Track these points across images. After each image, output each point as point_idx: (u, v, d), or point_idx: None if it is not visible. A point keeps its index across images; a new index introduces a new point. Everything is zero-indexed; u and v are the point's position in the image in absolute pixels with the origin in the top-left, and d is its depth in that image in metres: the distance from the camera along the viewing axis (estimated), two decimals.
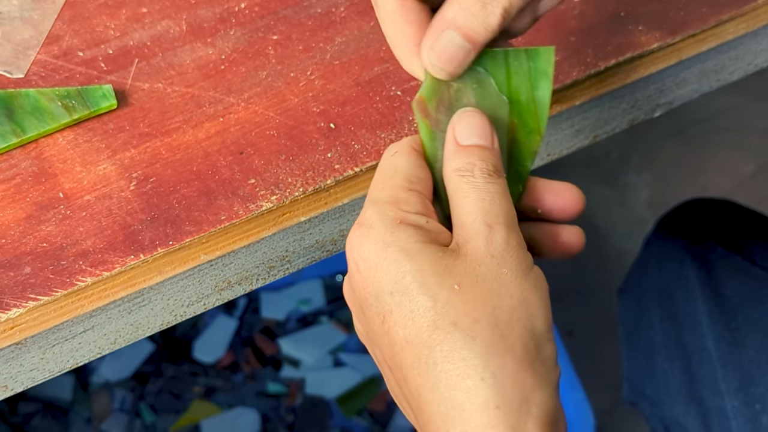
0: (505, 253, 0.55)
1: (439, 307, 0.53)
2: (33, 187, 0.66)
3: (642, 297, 1.05)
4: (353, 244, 0.56)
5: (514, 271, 0.54)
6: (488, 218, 0.55)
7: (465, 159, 0.57)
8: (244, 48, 0.73)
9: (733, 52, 0.79)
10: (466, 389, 0.51)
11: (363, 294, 0.56)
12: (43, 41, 0.73)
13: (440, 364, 0.52)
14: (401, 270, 0.54)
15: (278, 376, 1.58)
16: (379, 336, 0.55)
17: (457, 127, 0.59)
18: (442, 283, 0.53)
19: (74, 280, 0.62)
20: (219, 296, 0.69)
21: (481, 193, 0.56)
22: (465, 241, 0.55)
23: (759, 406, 0.89)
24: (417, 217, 0.56)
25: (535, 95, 0.60)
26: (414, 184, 0.57)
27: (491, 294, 0.53)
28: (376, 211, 0.56)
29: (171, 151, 0.68)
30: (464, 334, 0.52)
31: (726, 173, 1.86)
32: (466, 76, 0.59)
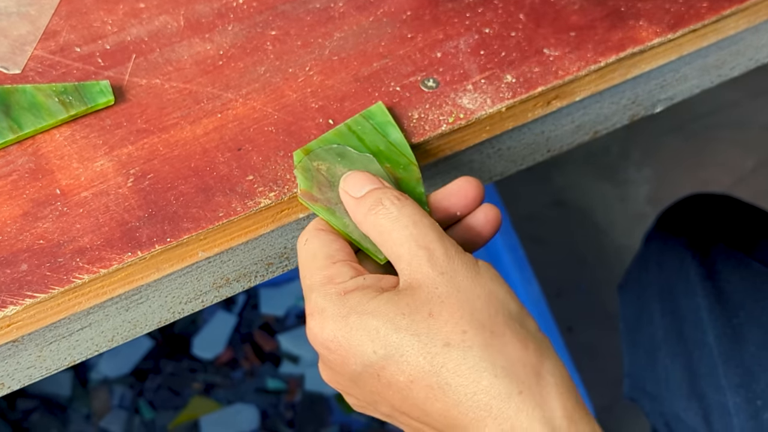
0: (450, 264, 0.58)
1: (424, 338, 0.56)
2: (29, 184, 0.66)
3: (642, 293, 1.04)
4: (315, 333, 0.58)
5: (468, 275, 0.57)
6: (420, 242, 0.58)
7: (368, 201, 0.61)
8: (242, 43, 0.73)
9: (734, 48, 0.78)
10: (486, 390, 0.54)
11: (347, 370, 0.58)
12: (40, 37, 0.73)
13: (453, 382, 0.55)
14: (371, 328, 0.56)
15: (277, 373, 1.57)
16: (382, 393, 0.58)
17: (347, 188, 0.63)
18: (414, 319, 0.56)
19: (71, 277, 0.62)
20: (217, 293, 0.68)
21: (402, 221, 0.59)
22: (412, 274, 0.58)
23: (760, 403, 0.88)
24: (354, 281, 0.59)
25: (390, 140, 0.67)
26: (334, 257, 0.60)
27: (462, 304, 0.56)
28: (319, 295, 0.59)
29: (169, 147, 0.67)
30: (460, 347, 0.55)
31: (726, 169, 1.86)
32: (326, 155, 0.66)
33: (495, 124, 0.70)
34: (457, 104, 0.69)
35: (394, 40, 0.73)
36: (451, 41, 0.73)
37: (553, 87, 0.71)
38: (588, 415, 0.55)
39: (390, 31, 0.74)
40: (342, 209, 0.64)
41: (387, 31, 0.74)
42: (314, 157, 0.66)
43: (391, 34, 0.73)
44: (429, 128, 0.68)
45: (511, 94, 0.70)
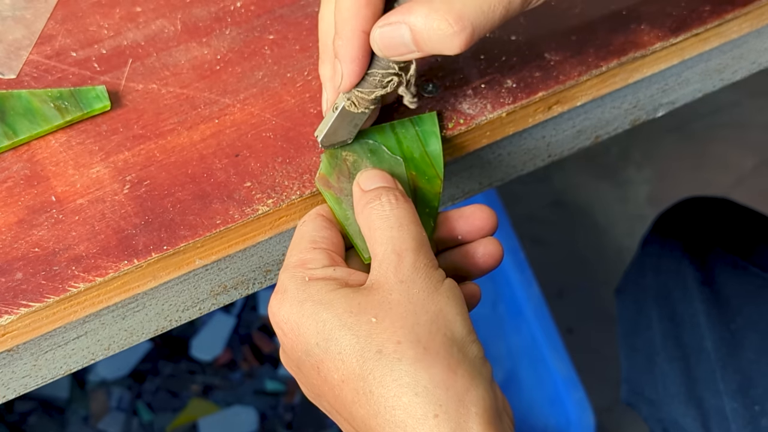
0: (413, 275, 0.58)
1: (362, 341, 0.56)
2: (25, 191, 0.65)
3: (640, 297, 1.04)
4: (273, 311, 0.59)
5: (425, 289, 0.57)
6: (397, 246, 0.59)
7: (371, 194, 0.61)
8: (239, 48, 0.72)
9: (736, 51, 0.78)
10: (404, 406, 0.54)
11: (294, 354, 0.59)
12: (36, 41, 0.72)
13: (376, 391, 0.55)
14: (320, 319, 0.57)
15: (276, 374, 1.57)
16: (320, 386, 0.58)
17: (360, 180, 0.63)
18: (359, 320, 0.56)
19: (67, 285, 0.61)
20: (215, 301, 0.68)
21: (390, 222, 0.60)
22: (377, 276, 0.58)
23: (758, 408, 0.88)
24: (323, 270, 0.59)
25: (428, 150, 0.67)
26: (318, 243, 0.61)
27: (407, 315, 0.56)
28: (287, 276, 0.60)
29: (165, 153, 0.67)
30: (390, 357, 0.55)
31: (726, 169, 1.85)
32: (359, 148, 0.66)
33: (495, 130, 0.70)
34: (457, 109, 0.69)
35: None
36: None
37: (554, 92, 0.70)
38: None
39: None
40: (349, 201, 0.64)
41: None
42: (347, 146, 0.66)
43: None
44: None
45: (512, 99, 0.69)
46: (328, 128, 0.64)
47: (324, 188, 0.64)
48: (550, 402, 1.39)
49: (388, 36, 0.60)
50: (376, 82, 0.62)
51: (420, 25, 0.58)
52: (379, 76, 0.62)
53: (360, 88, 0.63)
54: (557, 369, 1.36)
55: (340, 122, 0.64)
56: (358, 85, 0.62)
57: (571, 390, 1.35)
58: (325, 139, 0.65)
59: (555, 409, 1.38)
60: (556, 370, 1.37)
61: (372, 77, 0.62)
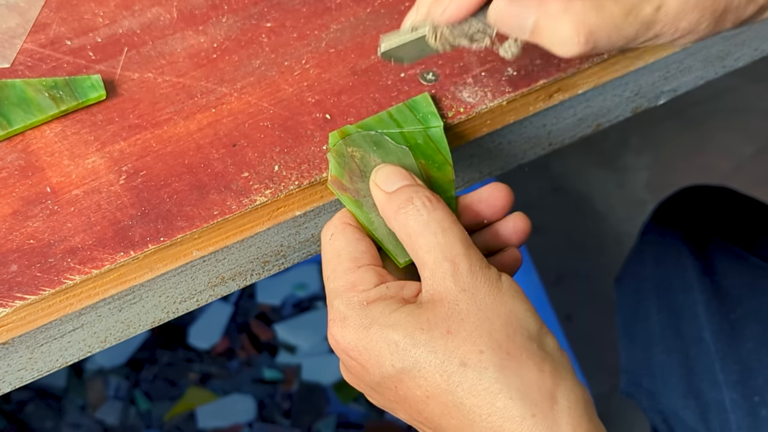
0: (473, 281, 0.57)
1: (441, 356, 0.56)
2: (19, 182, 0.64)
3: (639, 287, 1.04)
4: (337, 340, 0.59)
5: (489, 293, 0.57)
6: (447, 253, 0.58)
7: (400, 197, 0.60)
8: (236, 36, 0.71)
9: (738, 38, 0.77)
10: (500, 411, 0.55)
11: (367, 378, 0.59)
12: (30, 29, 0.71)
13: (467, 401, 0.55)
14: (392, 342, 0.57)
15: (274, 362, 1.56)
16: (400, 403, 0.58)
17: (378, 182, 0.62)
18: (433, 335, 0.56)
19: (62, 278, 0.60)
20: (212, 292, 0.67)
21: (431, 227, 0.58)
22: (434, 286, 0.58)
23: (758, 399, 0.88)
24: (377, 290, 0.59)
25: (429, 134, 0.66)
26: (360, 260, 0.60)
27: (481, 323, 0.56)
28: (342, 303, 0.59)
29: (162, 143, 0.66)
30: (476, 368, 0.55)
31: (725, 155, 1.84)
32: (363, 143, 0.64)
33: (496, 118, 0.69)
34: (457, 98, 0.68)
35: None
36: None
37: (555, 80, 0.69)
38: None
39: (388, 22, 0.72)
40: (370, 203, 0.63)
41: (385, 23, 0.72)
42: (350, 142, 0.64)
43: (389, 26, 0.72)
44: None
45: (513, 87, 0.69)
46: (399, 44, 0.62)
47: (339, 191, 0.63)
48: None
49: (512, 14, 0.58)
50: (468, 33, 0.61)
51: (549, 21, 0.57)
52: (474, 29, 0.60)
53: (451, 27, 0.61)
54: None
55: (411, 44, 0.62)
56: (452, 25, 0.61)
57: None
58: (388, 50, 0.62)
59: None
60: None
61: (468, 25, 0.60)
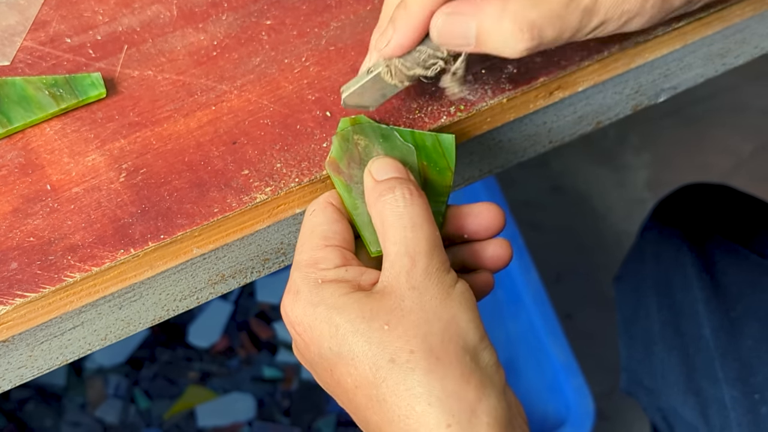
0: (426, 281, 0.57)
1: (375, 348, 0.56)
2: (19, 179, 0.64)
3: (639, 285, 1.04)
4: (286, 311, 0.60)
5: (437, 296, 0.57)
6: (410, 248, 0.58)
7: (384, 186, 0.60)
8: (236, 33, 0.71)
9: (739, 36, 0.77)
10: (417, 416, 0.55)
11: (308, 355, 0.59)
12: (30, 27, 0.71)
13: (389, 399, 0.56)
14: (333, 324, 0.57)
15: (274, 361, 1.56)
16: (334, 387, 0.59)
17: (372, 169, 0.62)
18: (371, 326, 0.56)
19: (62, 275, 0.60)
20: (212, 290, 0.67)
21: (403, 219, 0.59)
22: (389, 279, 0.58)
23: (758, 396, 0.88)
24: (336, 271, 0.59)
25: (440, 139, 0.65)
26: (330, 240, 0.61)
27: (420, 323, 0.56)
28: (300, 276, 0.60)
29: (162, 141, 0.66)
30: (403, 367, 0.55)
31: (725, 153, 1.84)
32: (371, 133, 0.64)
33: (496, 116, 0.69)
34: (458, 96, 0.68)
35: None
36: None
37: (555, 77, 0.69)
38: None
39: None
40: (360, 189, 0.63)
41: None
42: (359, 129, 0.64)
43: None
44: (429, 120, 0.67)
45: (513, 85, 0.68)
46: (357, 88, 0.63)
47: (334, 173, 0.63)
48: (549, 388, 1.39)
49: (452, 24, 0.59)
50: (420, 61, 0.61)
51: (489, 24, 0.58)
52: (425, 55, 0.61)
53: (403, 60, 0.61)
54: (556, 355, 1.36)
55: (370, 86, 0.63)
56: (402, 56, 0.61)
57: (570, 376, 1.35)
58: (349, 98, 0.64)
59: (554, 395, 1.38)
60: (554, 356, 1.36)
61: (418, 54, 0.61)
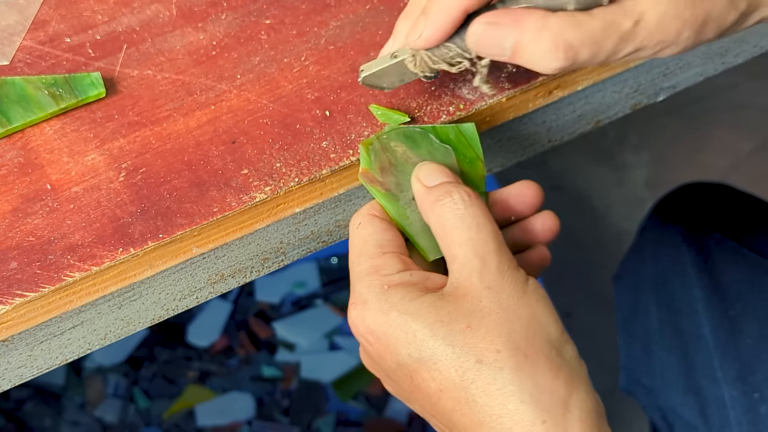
0: (500, 280, 0.57)
1: (459, 351, 0.55)
2: (19, 179, 0.64)
3: (638, 284, 1.03)
4: (356, 323, 0.58)
5: (514, 294, 0.57)
6: (478, 249, 0.57)
7: (439, 191, 0.60)
8: (236, 33, 0.71)
9: (737, 35, 0.77)
10: (511, 414, 0.54)
11: (383, 364, 0.58)
12: (29, 27, 0.71)
13: (480, 400, 0.55)
14: (410, 330, 0.56)
15: (273, 360, 1.56)
16: (414, 393, 0.58)
17: (420, 176, 0.62)
18: (452, 329, 0.56)
19: (62, 275, 0.60)
20: (212, 289, 0.67)
21: (466, 221, 0.58)
22: (459, 280, 0.57)
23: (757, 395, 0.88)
24: (400, 275, 0.58)
25: (462, 129, 0.65)
26: (385, 247, 0.60)
27: (502, 322, 0.56)
28: (364, 286, 0.58)
29: (161, 140, 0.66)
30: (491, 367, 0.55)
31: (724, 152, 1.84)
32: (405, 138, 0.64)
33: (495, 115, 0.69)
34: (457, 95, 0.68)
35: (392, 28, 0.71)
36: None
37: (554, 76, 0.69)
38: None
39: (387, 19, 0.72)
40: (407, 197, 0.62)
41: (384, 20, 0.72)
42: (394, 135, 0.64)
43: (389, 23, 0.72)
44: (428, 119, 0.67)
45: (512, 84, 0.68)
46: (378, 69, 0.63)
47: (369, 183, 0.63)
48: None
49: (491, 37, 0.59)
50: (447, 57, 0.61)
51: (527, 39, 0.57)
52: (453, 53, 0.61)
53: (430, 53, 0.61)
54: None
55: (392, 70, 0.63)
56: (430, 50, 0.61)
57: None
58: (368, 78, 0.64)
59: None
60: None
61: (446, 49, 0.61)
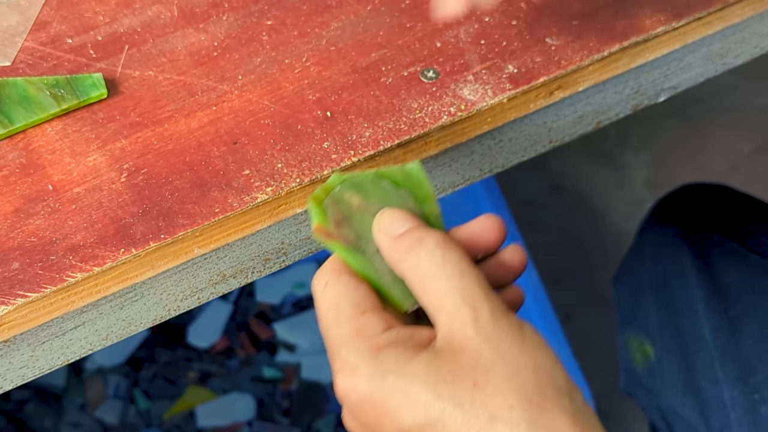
0: (496, 330, 0.54)
1: (469, 410, 0.52)
2: (21, 180, 0.64)
3: (638, 285, 1.03)
4: (346, 392, 0.54)
5: (514, 343, 0.54)
6: (466, 297, 0.54)
7: (408, 239, 0.56)
8: (237, 34, 0.71)
9: (738, 35, 0.77)
10: None
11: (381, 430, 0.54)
12: (31, 28, 0.71)
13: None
14: (411, 394, 0.52)
15: (273, 361, 1.56)
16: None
17: (383, 226, 0.57)
18: (458, 388, 0.52)
19: (64, 275, 0.60)
20: (213, 290, 0.67)
21: (447, 269, 0.55)
22: (451, 333, 0.54)
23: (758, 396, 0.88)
24: (387, 335, 0.55)
25: (406, 170, 0.60)
26: (362, 306, 0.56)
27: (509, 376, 0.53)
28: (350, 351, 0.54)
29: (163, 141, 0.66)
30: (508, 423, 0.52)
31: (724, 153, 1.84)
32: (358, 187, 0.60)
33: (496, 116, 0.69)
34: (458, 95, 0.68)
35: (393, 29, 0.72)
36: (451, 30, 0.71)
37: (555, 77, 0.69)
38: None
39: (388, 20, 0.72)
40: (369, 249, 0.58)
41: (385, 21, 0.72)
42: (345, 188, 0.60)
43: (390, 24, 0.72)
44: (429, 120, 0.67)
45: (513, 84, 0.69)
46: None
47: (328, 240, 0.58)
48: None
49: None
50: None
51: None
52: None
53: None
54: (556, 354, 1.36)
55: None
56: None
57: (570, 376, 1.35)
58: None
59: None
60: None
61: None
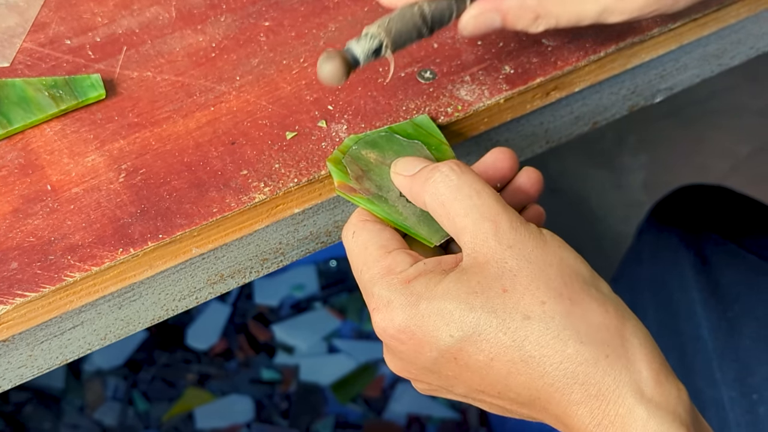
0: (518, 237, 0.56)
1: (502, 313, 0.54)
2: (19, 180, 0.64)
3: (636, 286, 1.04)
4: (384, 326, 0.57)
5: (536, 245, 0.56)
6: (485, 213, 0.56)
7: (425, 172, 0.59)
8: (235, 35, 0.71)
9: (734, 36, 0.77)
10: (572, 357, 0.53)
11: (422, 358, 0.57)
12: (29, 29, 0.71)
13: (537, 353, 0.54)
14: (445, 312, 0.55)
15: (272, 363, 1.56)
16: (459, 375, 0.57)
17: (399, 170, 0.61)
18: (488, 296, 0.54)
19: (62, 275, 0.61)
20: (211, 290, 0.67)
21: (464, 190, 0.57)
22: (476, 248, 0.56)
23: (756, 396, 0.88)
24: (415, 268, 0.57)
25: (416, 122, 0.66)
26: (388, 246, 0.59)
27: (535, 275, 0.55)
28: (383, 288, 0.57)
29: (161, 141, 0.66)
30: (542, 318, 0.54)
31: (722, 154, 1.85)
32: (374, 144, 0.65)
33: (493, 116, 0.69)
34: (455, 96, 0.68)
35: None
36: (448, 31, 0.72)
37: (552, 78, 0.70)
38: (672, 376, 0.55)
39: None
40: (391, 196, 0.62)
41: None
42: (361, 146, 0.64)
43: None
44: None
45: (510, 85, 0.69)
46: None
47: (350, 195, 0.62)
48: None
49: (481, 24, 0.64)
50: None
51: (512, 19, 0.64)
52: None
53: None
54: None
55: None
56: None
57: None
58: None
59: None
60: None
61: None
